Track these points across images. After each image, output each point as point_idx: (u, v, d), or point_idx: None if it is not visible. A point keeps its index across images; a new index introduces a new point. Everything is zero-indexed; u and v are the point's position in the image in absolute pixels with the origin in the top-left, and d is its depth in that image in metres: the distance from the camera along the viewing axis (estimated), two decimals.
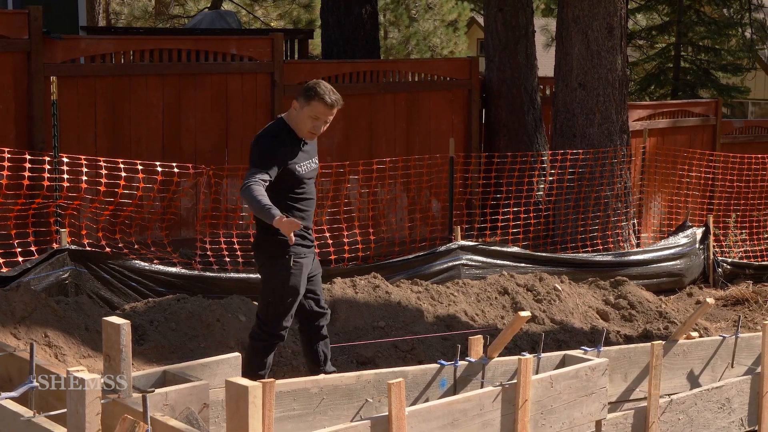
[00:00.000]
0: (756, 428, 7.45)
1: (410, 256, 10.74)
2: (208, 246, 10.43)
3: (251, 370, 6.34)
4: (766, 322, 7.41)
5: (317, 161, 6.75)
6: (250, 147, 6.52)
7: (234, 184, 11.72)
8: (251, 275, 9.81)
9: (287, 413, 5.41)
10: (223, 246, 10.53)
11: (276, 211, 6.03)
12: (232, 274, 9.80)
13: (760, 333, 7.48)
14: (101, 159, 10.23)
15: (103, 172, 10.07)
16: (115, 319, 4.44)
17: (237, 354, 5.83)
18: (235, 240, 10.56)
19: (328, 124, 6.55)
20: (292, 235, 6.09)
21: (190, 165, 10.79)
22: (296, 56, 16.29)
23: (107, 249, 9.91)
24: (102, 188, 10.08)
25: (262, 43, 12.62)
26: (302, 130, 6.45)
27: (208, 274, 9.70)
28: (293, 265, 6.47)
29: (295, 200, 6.48)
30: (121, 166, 10.11)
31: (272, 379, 4.81)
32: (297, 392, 5.47)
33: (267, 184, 6.24)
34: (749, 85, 32.55)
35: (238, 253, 10.43)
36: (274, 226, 6.05)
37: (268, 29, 25.14)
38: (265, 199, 6.09)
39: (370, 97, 13.36)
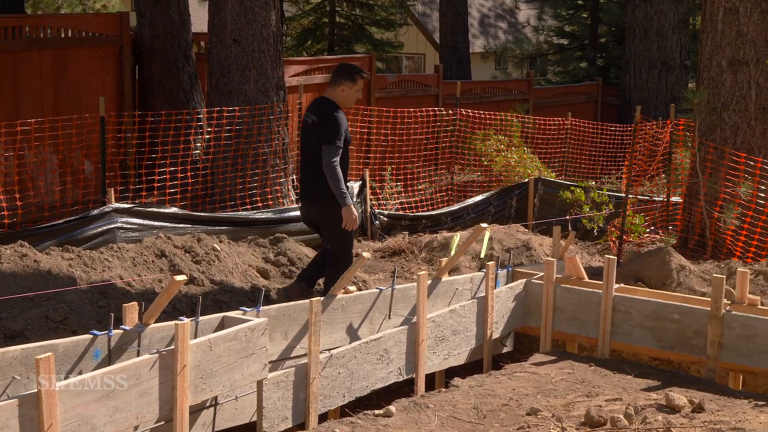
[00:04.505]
0: (413, 376, 7.64)
1: (60, 222, 10.25)
2: None
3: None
4: (420, 272, 7.60)
5: None
6: (325, 121, 8.41)
7: None
8: None
9: None
10: None
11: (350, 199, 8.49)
12: None
13: (415, 284, 7.66)
14: None
15: None
16: None
17: None
18: None
19: None
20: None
21: None
22: None
23: None
24: None
25: None
26: (350, 103, 8.72)
27: None
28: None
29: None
30: None
31: None
32: None
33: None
34: (402, 40, 33.69)
35: None
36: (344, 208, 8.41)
37: None
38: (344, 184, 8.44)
39: (12, 55, 12.62)
